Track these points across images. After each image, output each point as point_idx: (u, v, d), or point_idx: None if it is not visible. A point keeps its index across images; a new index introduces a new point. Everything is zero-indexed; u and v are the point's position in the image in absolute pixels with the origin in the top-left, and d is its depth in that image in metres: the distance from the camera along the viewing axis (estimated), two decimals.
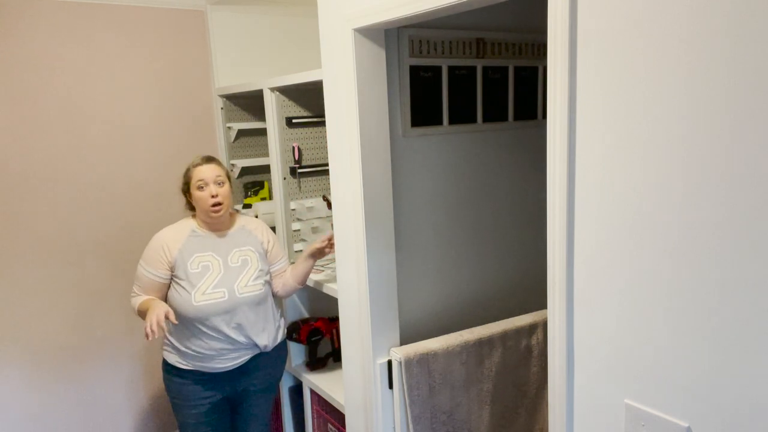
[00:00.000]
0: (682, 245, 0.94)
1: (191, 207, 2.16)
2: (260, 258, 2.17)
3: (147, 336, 1.85)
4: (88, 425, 2.76)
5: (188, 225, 2.13)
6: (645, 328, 1.01)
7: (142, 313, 2.03)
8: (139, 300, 2.07)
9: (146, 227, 2.77)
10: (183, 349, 2.09)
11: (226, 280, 2.07)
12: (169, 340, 2.14)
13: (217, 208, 2.06)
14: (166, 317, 1.91)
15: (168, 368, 2.16)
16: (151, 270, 2.06)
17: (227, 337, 2.08)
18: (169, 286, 2.10)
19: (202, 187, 2.05)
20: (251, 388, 2.25)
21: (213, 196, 2.04)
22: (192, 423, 2.18)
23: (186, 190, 2.12)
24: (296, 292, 2.38)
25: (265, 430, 2.39)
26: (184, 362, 2.11)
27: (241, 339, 2.11)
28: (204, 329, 2.06)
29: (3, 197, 2.46)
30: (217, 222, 2.12)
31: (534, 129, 2.04)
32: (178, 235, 2.09)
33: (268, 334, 2.18)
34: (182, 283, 2.05)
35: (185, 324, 2.07)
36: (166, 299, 2.11)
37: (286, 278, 2.26)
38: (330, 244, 2.17)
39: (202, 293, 2.03)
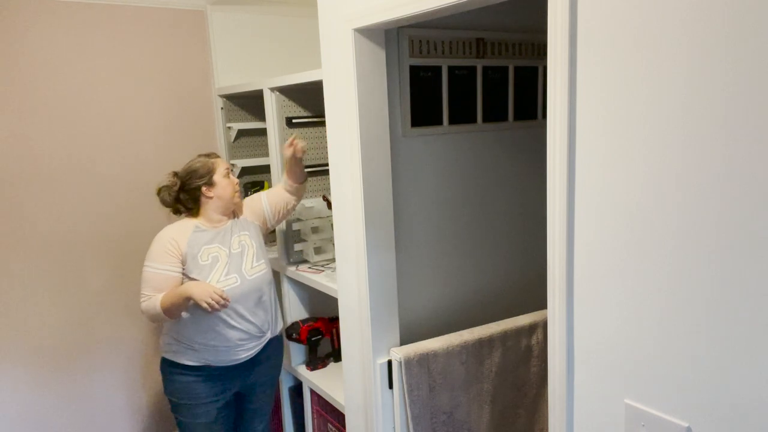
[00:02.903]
0: (682, 245, 0.94)
1: (188, 208, 2.14)
2: (255, 238, 2.22)
3: (215, 308, 1.93)
4: (88, 425, 2.76)
5: (190, 222, 2.12)
6: (645, 328, 1.01)
7: (173, 306, 1.99)
8: (157, 299, 2.00)
9: (146, 227, 2.76)
10: (197, 345, 2.08)
11: (234, 267, 2.10)
12: (176, 339, 2.11)
13: (240, 193, 2.20)
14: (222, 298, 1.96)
15: (175, 369, 2.12)
16: (163, 266, 2.03)
17: (246, 322, 2.11)
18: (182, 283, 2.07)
19: (229, 175, 2.14)
20: (258, 381, 2.27)
21: (236, 183, 2.17)
22: (202, 423, 2.15)
23: (204, 183, 2.08)
24: (302, 192, 2.38)
25: (268, 426, 2.41)
26: (196, 359, 2.09)
27: (258, 323, 2.15)
28: (225, 317, 2.07)
29: (3, 197, 2.46)
30: (230, 212, 2.18)
31: (534, 129, 2.04)
32: (183, 231, 2.09)
33: (277, 317, 2.26)
34: (194, 276, 2.04)
35: (203, 317, 2.05)
36: None
37: (282, 187, 2.33)
38: (290, 147, 2.23)
39: (216, 281, 2.05)
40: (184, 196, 2.11)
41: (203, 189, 2.09)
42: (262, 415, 2.37)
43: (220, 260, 2.09)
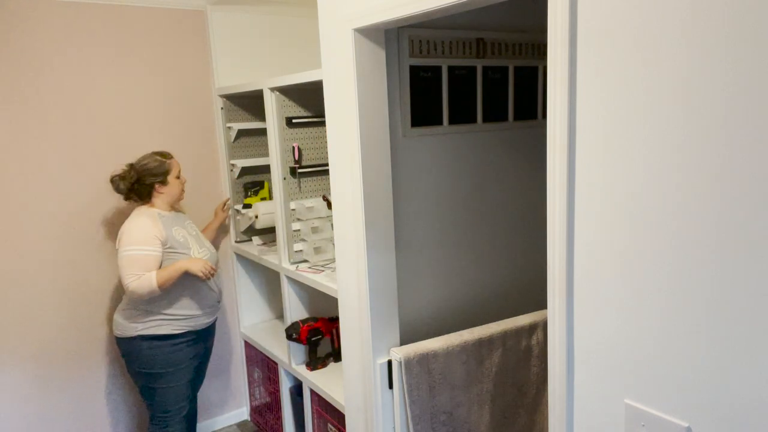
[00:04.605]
0: (681, 245, 0.94)
1: (141, 198, 2.39)
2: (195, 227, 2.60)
3: (208, 277, 2.32)
4: (88, 424, 2.76)
5: (152, 210, 2.39)
6: (645, 328, 1.01)
7: (168, 281, 2.27)
8: (151, 276, 2.24)
9: None
10: (180, 314, 2.38)
11: (200, 243, 2.47)
12: (150, 312, 2.34)
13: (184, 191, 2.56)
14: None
15: (158, 341, 2.36)
16: (150, 248, 2.27)
17: (217, 286, 2.50)
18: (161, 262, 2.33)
19: (179, 176, 2.45)
20: (212, 340, 2.64)
21: (185, 181, 2.52)
22: (185, 383, 2.44)
23: (158, 181, 2.37)
24: None
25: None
26: (179, 328, 2.39)
27: (219, 290, 2.54)
28: (208, 282, 2.43)
29: (3, 197, 2.46)
30: (177, 203, 2.54)
31: (534, 129, 2.04)
32: (155, 217, 2.35)
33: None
34: (178, 249, 2.35)
35: (186, 287, 2.37)
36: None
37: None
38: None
39: (197, 253, 2.41)
40: (138, 187, 2.38)
41: (156, 186, 2.39)
42: (204, 375, 2.71)
43: (188, 238, 2.42)
